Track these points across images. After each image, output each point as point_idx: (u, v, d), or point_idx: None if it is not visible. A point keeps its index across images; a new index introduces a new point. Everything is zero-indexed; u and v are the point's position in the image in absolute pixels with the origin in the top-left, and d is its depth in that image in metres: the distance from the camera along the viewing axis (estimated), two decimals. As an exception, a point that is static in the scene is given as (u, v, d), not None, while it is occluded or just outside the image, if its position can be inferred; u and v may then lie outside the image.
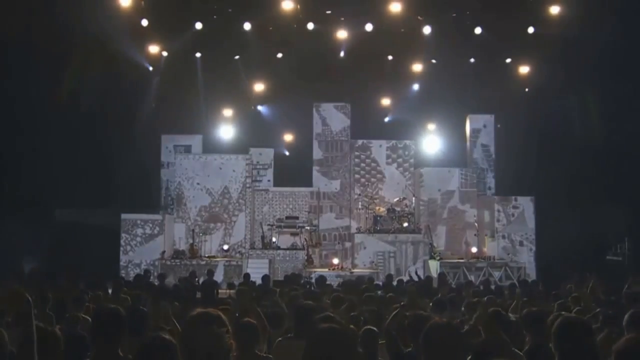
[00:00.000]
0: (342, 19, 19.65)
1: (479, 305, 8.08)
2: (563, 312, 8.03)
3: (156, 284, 13.67)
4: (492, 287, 14.70)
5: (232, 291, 13.05)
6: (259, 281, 13.19)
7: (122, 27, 19.03)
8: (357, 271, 17.59)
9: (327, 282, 13.30)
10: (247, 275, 14.11)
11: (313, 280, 14.12)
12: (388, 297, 9.81)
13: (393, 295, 9.91)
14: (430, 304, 8.29)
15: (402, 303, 7.13)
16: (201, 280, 14.36)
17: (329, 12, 19.61)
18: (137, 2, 18.49)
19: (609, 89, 19.34)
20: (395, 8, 18.45)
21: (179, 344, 3.51)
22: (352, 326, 6.12)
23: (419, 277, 15.14)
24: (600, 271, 16.77)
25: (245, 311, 6.10)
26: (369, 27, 19.32)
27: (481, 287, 13.40)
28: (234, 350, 3.62)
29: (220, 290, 14.04)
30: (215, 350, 3.49)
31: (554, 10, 18.67)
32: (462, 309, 8.43)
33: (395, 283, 13.89)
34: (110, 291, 11.25)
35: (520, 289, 12.56)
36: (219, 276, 17.28)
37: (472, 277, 16.80)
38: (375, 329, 5.93)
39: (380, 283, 14.48)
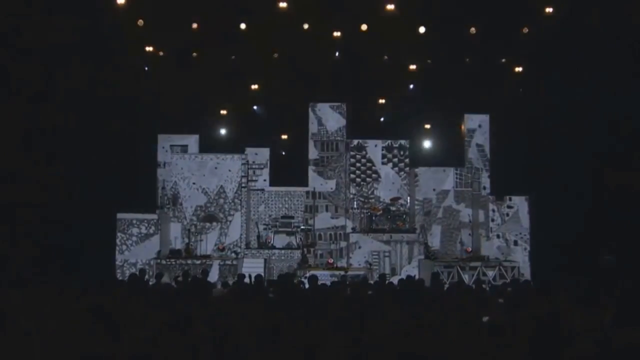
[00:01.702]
0: (338, 18, 19.70)
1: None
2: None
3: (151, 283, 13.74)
4: (487, 286, 14.80)
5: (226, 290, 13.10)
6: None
7: (118, 26, 19.14)
8: (352, 271, 17.66)
9: (321, 282, 13.40)
10: (241, 276, 14.17)
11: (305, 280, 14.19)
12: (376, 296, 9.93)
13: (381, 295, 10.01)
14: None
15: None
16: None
17: (324, 12, 19.66)
18: (133, 1, 18.57)
19: (604, 88, 19.42)
20: (391, 8, 18.53)
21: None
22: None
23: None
24: (594, 270, 16.87)
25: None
26: (364, 26, 19.39)
27: (473, 287, 13.47)
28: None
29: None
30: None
31: (548, 10, 18.75)
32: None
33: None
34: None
35: (511, 289, 12.65)
36: (214, 276, 17.38)
37: (466, 277, 16.91)
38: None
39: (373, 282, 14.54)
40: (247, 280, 13.25)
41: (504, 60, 20.46)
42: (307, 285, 13.05)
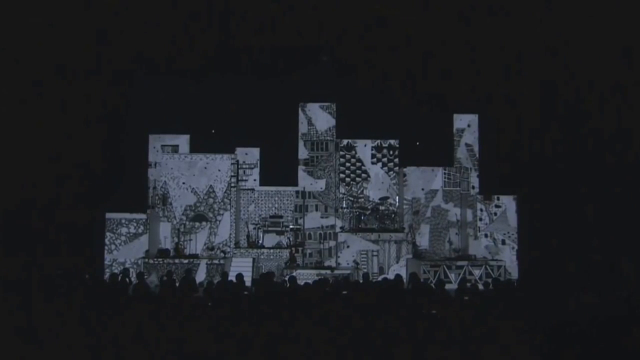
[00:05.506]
0: (329, 17, 19.75)
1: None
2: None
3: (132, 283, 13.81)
4: (470, 285, 14.83)
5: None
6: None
7: (110, 26, 19.24)
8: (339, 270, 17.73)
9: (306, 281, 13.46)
10: (225, 274, 14.27)
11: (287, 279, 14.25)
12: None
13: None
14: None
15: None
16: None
17: (316, 11, 19.72)
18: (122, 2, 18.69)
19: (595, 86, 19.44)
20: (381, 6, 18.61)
21: None
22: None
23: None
24: (584, 270, 16.88)
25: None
26: (356, 26, 19.44)
27: (458, 285, 13.54)
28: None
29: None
30: None
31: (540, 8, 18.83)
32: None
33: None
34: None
35: (493, 288, 12.70)
36: (201, 275, 17.45)
37: (452, 276, 16.95)
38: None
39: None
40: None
41: (495, 59, 20.44)
42: (288, 285, 13.09)
